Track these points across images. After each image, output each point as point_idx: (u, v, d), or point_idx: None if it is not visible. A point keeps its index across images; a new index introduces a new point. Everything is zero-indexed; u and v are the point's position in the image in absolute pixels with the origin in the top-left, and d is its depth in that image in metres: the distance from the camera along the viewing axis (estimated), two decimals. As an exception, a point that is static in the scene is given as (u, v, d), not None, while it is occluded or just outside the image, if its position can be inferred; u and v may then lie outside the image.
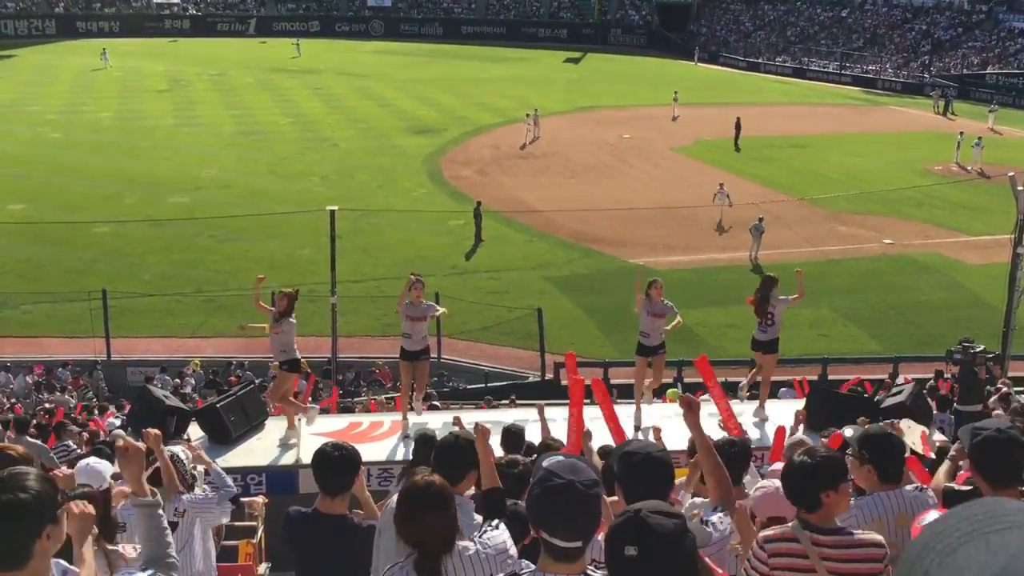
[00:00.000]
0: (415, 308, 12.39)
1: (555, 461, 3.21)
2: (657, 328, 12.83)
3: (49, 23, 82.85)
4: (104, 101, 55.95)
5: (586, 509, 3.12)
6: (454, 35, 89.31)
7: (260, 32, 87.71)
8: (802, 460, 4.32)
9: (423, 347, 12.63)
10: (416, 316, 12.41)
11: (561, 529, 3.11)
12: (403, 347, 12.63)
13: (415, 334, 12.48)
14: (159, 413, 11.34)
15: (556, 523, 3.11)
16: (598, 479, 3.22)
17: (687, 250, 32.26)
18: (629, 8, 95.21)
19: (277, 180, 40.04)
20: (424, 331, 12.63)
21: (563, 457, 3.27)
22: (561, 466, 3.16)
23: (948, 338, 21.97)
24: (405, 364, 12.71)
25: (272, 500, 9.41)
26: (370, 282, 28.50)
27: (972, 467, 4.69)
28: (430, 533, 4.01)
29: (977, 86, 67.86)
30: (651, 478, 3.92)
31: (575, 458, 3.30)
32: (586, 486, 3.11)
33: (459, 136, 49.05)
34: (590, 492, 3.11)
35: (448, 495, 4.13)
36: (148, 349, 25.85)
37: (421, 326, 12.52)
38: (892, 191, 39.29)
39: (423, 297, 12.62)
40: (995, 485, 4.40)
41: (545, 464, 3.21)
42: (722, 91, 66.53)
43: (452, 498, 4.16)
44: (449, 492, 4.17)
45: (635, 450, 4.10)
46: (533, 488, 3.17)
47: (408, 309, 12.37)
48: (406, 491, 4.18)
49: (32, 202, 36.06)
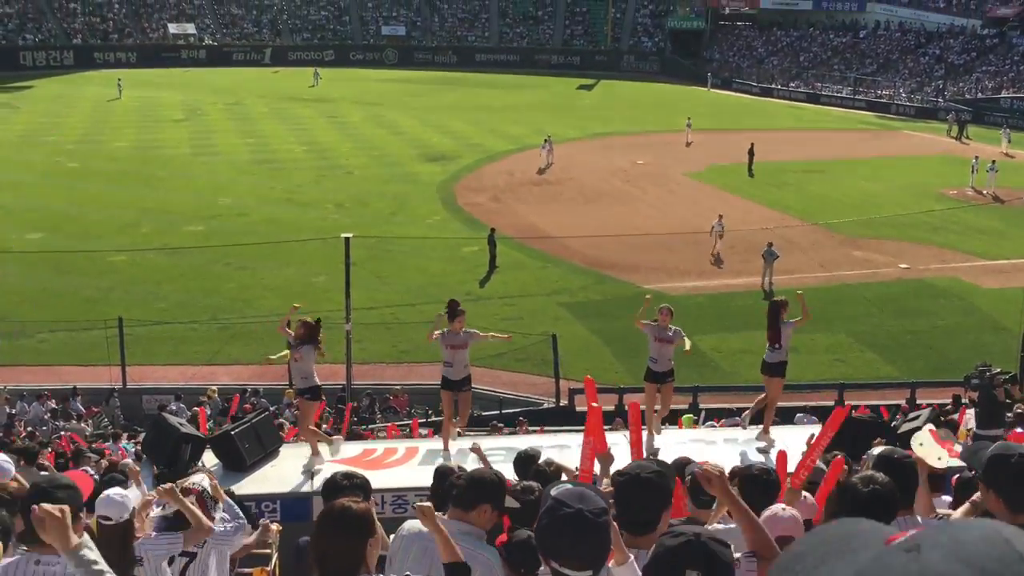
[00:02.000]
0: (455, 336, 12.22)
1: (564, 490, 3.19)
2: (665, 355, 12.78)
3: (67, 54, 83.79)
4: (121, 131, 56.43)
5: (595, 538, 3.10)
6: (468, 63, 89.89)
7: (276, 62, 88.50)
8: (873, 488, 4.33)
9: (464, 376, 12.38)
10: (456, 344, 12.24)
11: (571, 558, 3.08)
12: (444, 376, 12.42)
13: (456, 363, 12.27)
14: (173, 441, 11.34)
15: (565, 552, 3.09)
16: (607, 507, 3.20)
17: (701, 275, 32.20)
18: (642, 35, 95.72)
19: (292, 208, 40.24)
20: (465, 359, 12.38)
21: (572, 485, 3.25)
22: (570, 495, 3.15)
23: (965, 363, 21.84)
24: (446, 394, 12.50)
25: (286, 527, 9.38)
26: (384, 309, 28.55)
27: (990, 491, 4.60)
28: (332, 558, 3.86)
29: (991, 110, 67.78)
30: (645, 498, 3.88)
31: (584, 486, 3.28)
32: (595, 514, 3.09)
33: (473, 163, 49.23)
34: (599, 520, 3.09)
35: (364, 524, 3.93)
36: (164, 377, 25.90)
37: (462, 354, 12.31)
38: (907, 215, 39.19)
39: (465, 324, 12.39)
40: (1016, 510, 4.33)
41: (554, 493, 3.19)
42: (735, 117, 66.64)
43: (367, 528, 3.93)
44: (366, 520, 3.96)
45: (626, 471, 4.08)
46: (542, 518, 3.15)
47: (448, 337, 12.18)
48: (324, 510, 4.07)
49: (49, 231, 36.32)
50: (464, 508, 5.00)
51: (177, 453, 11.17)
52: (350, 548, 3.84)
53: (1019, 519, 4.31)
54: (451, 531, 4.87)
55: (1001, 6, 79.00)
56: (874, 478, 4.47)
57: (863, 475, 4.55)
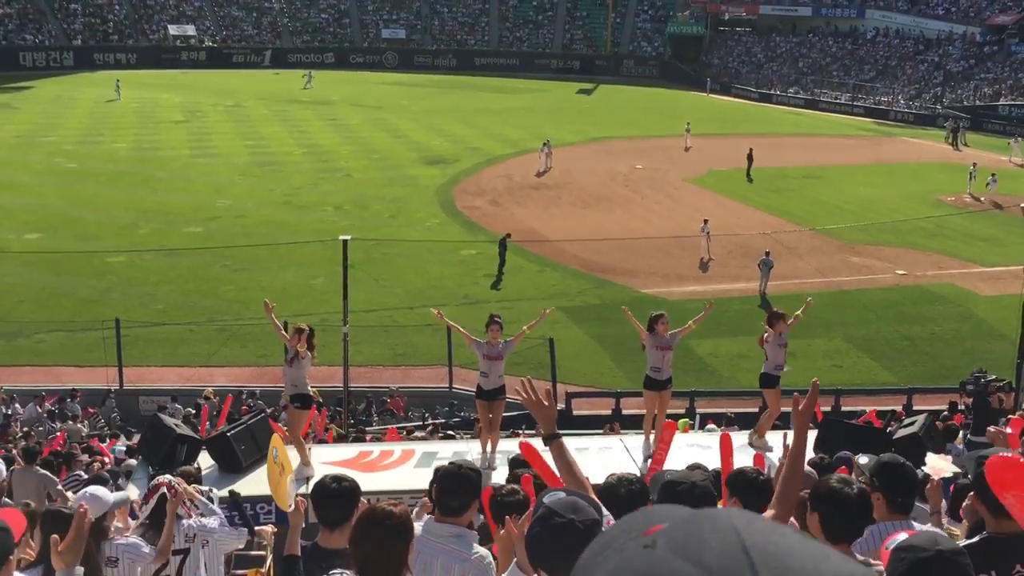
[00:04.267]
0: (493, 348, 12.35)
1: (556, 499, 3.15)
2: (667, 361, 12.82)
3: (67, 55, 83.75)
4: (120, 132, 56.42)
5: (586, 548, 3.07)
6: (468, 67, 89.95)
7: (276, 64, 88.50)
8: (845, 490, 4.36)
9: (499, 386, 12.51)
10: (493, 356, 12.37)
11: (561, 569, 3.02)
12: (479, 385, 12.53)
13: (492, 373, 12.39)
14: (169, 442, 11.34)
15: (556, 562, 3.04)
16: (599, 518, 3.15)
17: (699, 280, 32.22)
18: (641, 40, 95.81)
19: (291, 210, 40.25)
20: (501, 370, 12.50)
21: (565, 494, 3.21)
22: (562, 504, 3.11)
23: (962, 369, 21.87)
24: (481, 403, 12.63)
25: (281, 529, 9.37)
26: (382, 312, 28.56)
27: (976, 495, 4.63)
28: (374, 563, 3.90)
29: (990, 117, 67.87)
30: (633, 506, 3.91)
31: (577, 495, 3.24)
32: (587, 525, 3.04)
33: (472, 167, 49.24)
34: (591, 532, 3.04)
35: (404, 528, 3.99)
36: (161, 378, 25.89)
37: (499, 365, 12.43)
38: (905, 222, 39.24)
39: (501, 336, 12.51)
40: (1000, 516, 4.35)
41: (546, 501, 3.15)
42: (734, 122, 66.70)
43: (407, 532, 4.02)
44: (407, 525, 4.03)
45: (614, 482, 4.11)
46: (533, 526, 3.11)
47: (486, 349, 12.34)
48: (364, 513, 4.11)
49: (48, 232, 36.30)
50: (455, 513, 4.96)
51: (173, 454, 11.17)
52: (392, 552, 3.90)
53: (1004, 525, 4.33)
54: (441, 534, 4.87)
55: (1000, 13, 79.13)
56: (849, 481, 4.51)
57: (840, 477, 4.58)
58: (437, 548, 4.84)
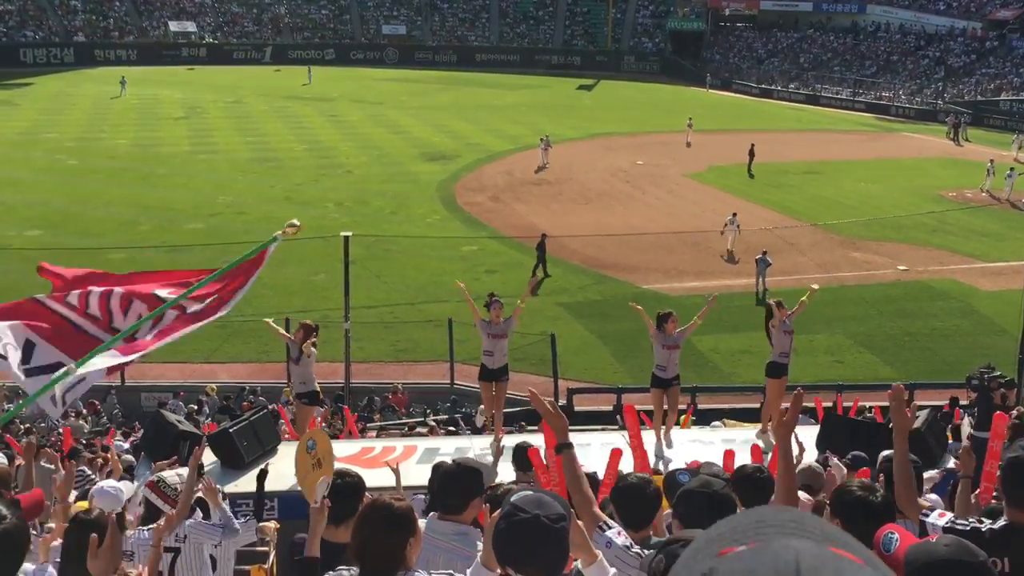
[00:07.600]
0: (496, 327, 12.61)
1: (522, 496, 3.14)
2: (673, 360, 12.93)
3: (68, 51, 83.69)
4: (121, 128, 56.40)
5: (552, 544, 3.03)
6: (468, 63, 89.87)
7: (276, 60, 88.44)
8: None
9: (503, 365, 12.74)
10: (497, 334, 12.63)
11: (527, 565, 3.02)
12: (484, 365, 12.78)
13: (496, 351, 12.67)
14: (171, 438, 11.36)
15: (521, 559, 3.03)
16: (565, 513, 3.13)
17: (700, 276, 32.21)
18: (642, 36, 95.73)
19: (292, 206, 40.19)
20: (505, 348, 12.82)
21: (532, 491, 3.20)
22: (527, 501, 3.10)
23: (963, 365, 21.89)
24: (484, 384, 12.81)
25: (284, 525, 9.38)
26: (383, 308, 28.56)
27: (1003, 487, 4.61)
28: (373, 555, 3.88)
29: (991, 112, 67.81)
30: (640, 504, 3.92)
31: (543, 492, 3.23)
32: (552, 520, 3.03)
33: (473, 163, 49.22)
34: (555, 526, 3.03)
35: (405, 522, 3.97)
36: (162, 375, 25.92)
37: (503, 343, 12.74)
38: (906, 217, 39.22)
39: (502, 314, 12.81)
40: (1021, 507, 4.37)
41: (512, 498, 3.14)
42: (735, 118, 66.65)
43: (408, 526, 3.99)
44: (408, 519, 4.00)
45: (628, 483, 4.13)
46: (498, 523, 3.09)
47: (489, 328, 12.58)
48: (365, 506, 4.11)
49: (49, 228, 36.31)
50: (456, 511, 4.96)
51: (175, 450, 11.19)
52: (392, 545, 3.87)
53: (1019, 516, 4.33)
54: (444, 532, 4.87)
55: (1001, 8, 79.07)
56: (873, 488, 4.47)
57: (862, 483, 4.56)
58: (440, 546, 4.84)
